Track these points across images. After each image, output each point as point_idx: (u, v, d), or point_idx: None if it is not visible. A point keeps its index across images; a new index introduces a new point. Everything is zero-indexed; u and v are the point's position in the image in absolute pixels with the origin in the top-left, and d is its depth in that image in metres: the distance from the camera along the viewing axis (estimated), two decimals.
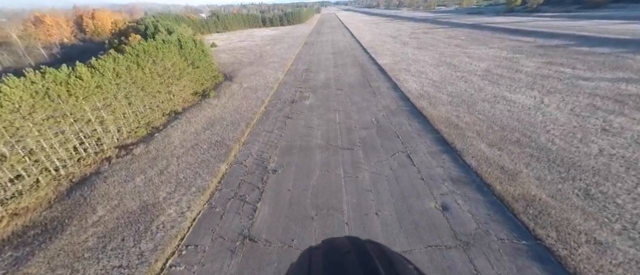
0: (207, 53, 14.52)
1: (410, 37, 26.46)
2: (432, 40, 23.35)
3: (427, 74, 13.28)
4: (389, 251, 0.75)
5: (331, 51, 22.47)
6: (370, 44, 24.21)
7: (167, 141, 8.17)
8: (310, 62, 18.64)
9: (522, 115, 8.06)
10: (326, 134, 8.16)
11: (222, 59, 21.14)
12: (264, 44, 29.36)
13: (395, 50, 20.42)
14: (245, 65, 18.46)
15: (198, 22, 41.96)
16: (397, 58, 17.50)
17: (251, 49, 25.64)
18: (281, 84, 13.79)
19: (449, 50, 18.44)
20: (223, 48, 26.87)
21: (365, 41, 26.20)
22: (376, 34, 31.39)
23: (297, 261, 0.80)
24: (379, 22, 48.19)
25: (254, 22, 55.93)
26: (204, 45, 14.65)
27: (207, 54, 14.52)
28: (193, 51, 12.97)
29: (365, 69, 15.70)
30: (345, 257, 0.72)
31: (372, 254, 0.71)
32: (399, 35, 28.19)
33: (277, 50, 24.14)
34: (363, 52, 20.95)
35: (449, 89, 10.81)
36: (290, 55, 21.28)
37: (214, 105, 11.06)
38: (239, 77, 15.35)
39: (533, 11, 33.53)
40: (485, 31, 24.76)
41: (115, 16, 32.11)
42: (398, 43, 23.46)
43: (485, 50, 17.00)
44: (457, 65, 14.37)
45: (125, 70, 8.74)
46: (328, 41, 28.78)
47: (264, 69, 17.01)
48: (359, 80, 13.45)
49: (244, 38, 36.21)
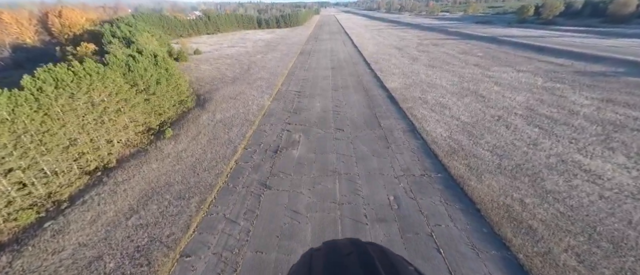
0: (172, 72, 11.44)
1: (419, 49, 23.67)
2: (445, 55, 20.57)
3: (450, 108, 10.40)
4: (390, 253, 0.74)
5: (330, 65, 19.52)
6: (374, 57, 21.34)
7: (52, 247, 5.05)
8: (305, 81, 15.66)
9: (632, 212, 5.10)
10: (320, 232, 5.20)
11: (202, 72, 18.04)
12: (255, 51, 26.29)
13: (403, 67, 17.56)
14: (227, 83, 15.40)
15: (186, 24, 38.71)
16: (407, 80, 14.63)
17: (239, 59, 22.57)
18: (265, 116, 10.76)
19: (468, 71, 15.63)
20: (207, 57, 23.74)
21: (368, 53, 23.33)
22: (379, 43, 28.56)
23: (298, 262, 0.78)
24: (381, 28, 45.46)
25: (249, 23, 52.83)
26: (168, 63, 11.55)
27: (172, 74, 11.44)
28: (148, 73, 9.88)
29: (371, 95, 12.77)
30: (346, 258, 0.72)
31: (373, 256, 0.71)
32: (405, 47, 25.39)
33: (268, 62, 21.12)
34: (366, 68, 18.05)
35: (488, 140, 7.94)
36: (282, 70, 18.27)
37: (166, 153, 8.00)
38: (214, 101, 12.30)
39: (548, 23, 31.13)
40: (504, 46, 22.08)
41: (90, 14, 28.78)
42: (406, 57, 20.62)
43: (514, 75, 14.20)
44: (485, 95, 11.53)
45: (8, 117, 5.61)
46: (327, 50, 25.85)
47: (248, 90, 13.97)
48: (364, 114, 10.50)
49: (235, 42, 33.10)
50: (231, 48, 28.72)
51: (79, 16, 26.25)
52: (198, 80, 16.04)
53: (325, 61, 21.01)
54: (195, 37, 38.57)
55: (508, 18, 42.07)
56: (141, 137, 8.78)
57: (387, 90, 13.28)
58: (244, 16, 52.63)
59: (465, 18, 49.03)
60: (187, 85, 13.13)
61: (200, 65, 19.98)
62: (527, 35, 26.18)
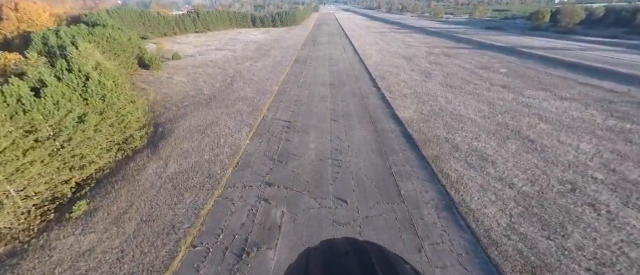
0: (112, 101, 8.35)
1: (429, 60, 20.79)
2: (461, 70, 17.72)
3: (494, 162, 7.51)
4: (387, 252, 0.73)
5: (328, 79, 16.52)
6: (380, 69, 18.40)
7: None
8: (298, 104, 12.64)
9: None
10: None
11: (173, 86, 14.88)
12: (244, 57, 23.15)
13: (416, 86, 14.66)
14: (200, 105, 12.32)
15: (172, 21, 35.24)
16: (424, 107, 11.73)
17: (223, 67, 19.44)
18: (238, 167, 7.74)
19: (496, 95, 12.79)
20: (186, 63, 20.52)
21: (371, 63, 20.38)
22: (383, 50, 25.61)
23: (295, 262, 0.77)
24: (383, 30, 42.46)
25: (243, 21, 49.43)
26: (108, 86, 8.42)
27: (112, 103, 8.35)
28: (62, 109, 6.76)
29: (381, 130, 9.82)
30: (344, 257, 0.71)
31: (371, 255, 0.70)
32: (413, 56, 22.49)
33: (257, 72, 18.04)
34: (371, 86, 15.10)
35: (580, 241, 5.08)
36: (271, 85, 15.23)
37: (54, 261, 4.94)
38: (174, 137, 9.25)
39: (566, 32, 28.50)
40: (528, 60, 19.29)
41: (57, 9, 25.31)
42: (416, 71, 17.73)
43: (557, 104, 11.37)
44: (535, 140, 8.65)
45: None
46: (325, 58, 22.82)
47: (224, 117, 10.92)
48: (375, 168, 7.55)
49: (224, 44, 29.85)
50: (218, 52, 25.49)
51: (41, 10, 22.79)
52: (164, 99, 12.93)
53: (323, 73, 17.99)
54: (181, 37, 35.16)
55: (519, 24, 39.37)
56: (29, 219, 5.69)
57: (400, 123, 10.36)
58: (237, 14, 49.19)
59: (472, 22, 46.26)
60: (141, 112, 10.07)
61: (175, 76, 16.82)
62: (550, 46, 23.45)
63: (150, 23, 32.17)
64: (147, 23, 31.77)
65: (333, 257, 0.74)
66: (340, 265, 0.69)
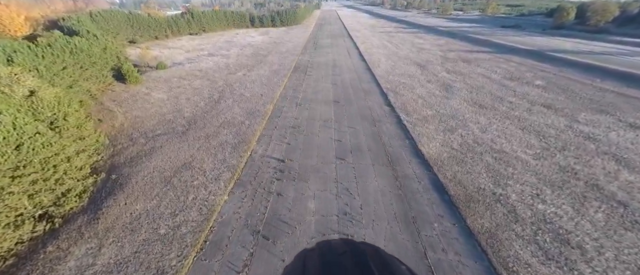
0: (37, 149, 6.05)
1: (447, 68, 18.22)
2: (487, 81, 15.15)
3: (586, 252, 5.04)
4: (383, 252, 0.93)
5: (332, 95, 14.06)
6: (391, 81, 15.90)
7: None
8: (294, 132, 10.23)
9: None
10: None
11: (149, 107, 12.52)
12: (238, 64, 20.78)
13: (437, 104, 12.17)
14: (175, 134, 10.00)
15: (163, 23, 32.89)
16: (454, 138, 9.26)
17: (213, 78, 17.09)
18: (204, 252, 5.30)
19: (543, 120, 10.26)
20: (172, 74, 18.19)
21: (381, 71, 17.88)
22: (393, 54, 23.04)
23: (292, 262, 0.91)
24: (389, 30, 39.73)
25: (241, 21, 47.10)
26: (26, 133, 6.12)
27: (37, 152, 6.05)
28: None
29: (403, 178, 7.36)
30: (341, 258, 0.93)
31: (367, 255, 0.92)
32: (427, 62, 19.92)
33: (250, 85, 15.65)
34: (383, 104, 12.63)
35: None
36: (265, 104, 12.83)
37: None
38: (128, 190, 6.91)
39: (597, 32, 25.61)
40: (565, 68, 16.61)
41: (33, 12, 23.19)
42: (434, 83, 15.20)
43: (632, 137, 8.79)
44: (628, 204, 6.18)
45: None
46: (328, 66, 20.36)
47: (200, 155, 8.59)
48: (402, 252, 5.14)
49: (218, 48, 27.50)
50: (210, 58, 23.14)
51: (14, 13, 20.67)
52: (134, 126, 10.62)
53: (325, 86, 15.54)
54: (174, 40, 32.83)
55: (538, 21, 36.35)
56: None
57: (426, 165, 7.93)
58: (235, 13, 46.77)
59: (485, 20, 43.24)
60: (92, 152, 7.77)
61: (154, 91, 14.51)
62: (585, 50, 20.69)
63: (139, 26, 29.91)
64: (136, 26, 29.52)
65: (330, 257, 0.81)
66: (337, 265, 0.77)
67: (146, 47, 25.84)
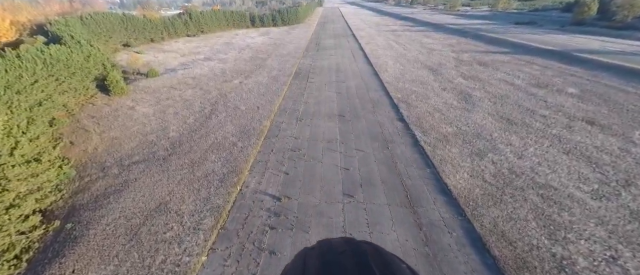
0: None
1: (462, 72, 16.55)
2: (511, 89, 13.46)
3: None
4: (383, 251, 0.73)
5: (336, 109, 12.51)
6: (401, 88, 14.30)
7: None
8: (294, 158, 8.72)
9: None
10: None
11: (131, 124, 11.10)
12: (235, 70, 19.34)
13: (458, 120, 10.57)
14: (154, 161, 8.58)
15: (159, 24, 31.54)
16: (485, 166, 7.69)
17: (206, 87, 15.67)
18: None
19: (591, 142, 8.59)
20: (162, 82, 16.81)
21: (389, 77, 16.28)
22: (401, 56, 21.39)
23: (292, 261, 0.77)
24: (395, 28, 37.91)
25: (241, 21, 45.63)
26: None
27: None
28: None
29: (429, 228, 5.76)
30: (340, 256, 0.70)
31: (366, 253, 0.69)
32: (440, 66, 18.25)
33: (245, 96, 14.19)
34: (396, 120, 11.05)
35: None
36: (261, 120, 11.35)
37: None
38: (79, 251, 5.36)
39: (623, 28, 23.57)
40: (598, 72, 14.80)
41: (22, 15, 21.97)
42: (451, 92, 13.57)
43: None
44: None
45: None
46: (331, 71, 18.81)
47: (180, 192, 7.14)
48: None
49: (216, 51, 26.10)
50: (206, 63, 21.74)
51: None
52: (109, 150, 9.24)
53: (329, 96, 13.99)
54: (171, 42, 31.47)
55: (555, 17, 34.17)
56: None
57: (456, 207, 6.38)
58: (235, 13, 45.29)
59: (497, 16, 41.07)
60: (47, 191, 6.40)
61: (140, 105, 13.13)
62: (614, 49, 18.77)
63: (134, 28, 28.59)
64: (131, 29, 28.20)
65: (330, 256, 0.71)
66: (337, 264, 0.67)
67: (137, 52, 24.55)
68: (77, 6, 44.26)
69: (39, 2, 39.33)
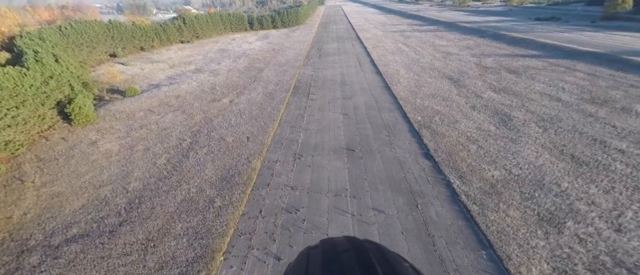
0: None
1: (490, 83, 13.95)
2: (560, 106, 10.86)
3: None
4: (386, 249, 0.75)
5: (343, 139, 10.04)
6: (420, 107, 11.77)
7: None
8: (290, 222, 6.27)
9: None
10: None
11: (84, 171, 8.75)
12: (227, 84, 17.04)
13: (504, 157, 8.04)
14: (97, 238, 6.22)
15: (150, 31, 29.42)
16: (562, 240, 5.12)
17: (190, 110, 13.36)
18: None
19: None
20: (139, 104, 14.55)
21: (404, 91, 13.76)
22: (414, 64, 18.83)
23: (295, 260, 0.78)
24: (403, 28, 35.20)
25: (239, 23, 43.40)
26: None
27: None
28: None
29: None
30: (343, 255, 0.72)
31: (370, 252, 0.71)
32: (461, 74, 15.67)
33: (235, 121, 11.83)
34: (420, 156, 8.56)
35: None
36: (250, 158, 8.95)
37: None
38: None
39: None
40: None
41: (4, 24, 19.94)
42: (482, 110, 11.01)
43: None
44: None
45: None
46: (335, 83, 16.37)
47: None
48: None
49: (209, 61, 23.86)
50: (196, 76, 19.47)
51: None
52: (41, 217, 6.95)
53: (334, 120, 11.53)
54: (162, 50, 29.29)
55: (580, 11, 31.07)
56: None
57: None
58: (232, 16, 43.02)
59: (513, 12, 38.00)
60: None
61: (104, 138, 10.86)
62: None
63: (121, 37, 26.49)
64: (118, 37, 26.10)
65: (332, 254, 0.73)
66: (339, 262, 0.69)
67: (122, 64, 22.42)
68: (68, 13, 42.46)
69: (27, 10, 37.48)
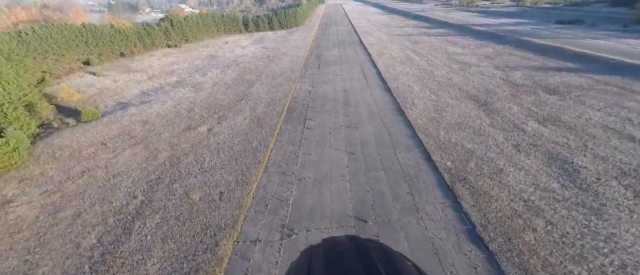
0: None
1: (527, 107, 11.23)
2: (634, 147, 8.19)
3: None
4: (388, 248, 0.74)
5: (350, 199, 7.33)
6: (445, 143, 9.04)
7: None
8: None
9: None
10: None
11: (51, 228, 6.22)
12: (209, 105, 14.34)
13: (588, 246, 5.27)
14: None
15: (132, 35, 26.59)
16: None
17: (155, 146, 10.64)
18: None
19: None
20: (90, 137, 11.81)
21: (420, 118, 11.03)
22: (428, 78, 16.12)
23: (298, 259, 0.78)
24: (410, 31, 32.40)
25: (233, 25, 40.60)
26: None
27: None
28: None
29: None
30: (345, 253, 0.71)
31: (372, 251, 0.70)
32: (488, 94, 12.97)
33: (207, 164, 9.11)
34: (460, 229, 5.85)
35: None
36: (218, 239, 6.27)
37: None
38: None
39: None
40: None
41: None
42: (531, 152, 8.28)
43: None
44: None
45: None
46: (337, 103, 13.65)
47: None
48: None
49: (194, 70, 21.14)
50: (175, 91, 16.74)
51: None
52: None
53: (337, 165, 8.75)
54: (144, 56, 26.46)
55: (604, 13, 28.30)
56: None
57: None
58: (226, 16, 40.15)
59: (529, 13, 35.17)
60: None
61: (23, 196, 8.09)
62: None
63: (97, 42, 23.70)
64: (93, 42, 23.31)
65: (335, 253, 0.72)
66: (342, 261, 0.68)
67: (93, 74, 19.67)
68: (48, 13, 39.50)
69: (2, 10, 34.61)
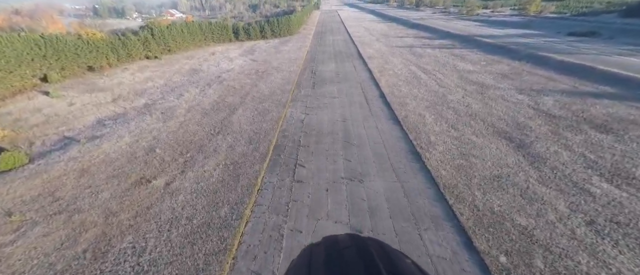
0: None
1: (575, 151, 8.71)
2: None
3: None
4: (388, 247, 0.75)
5: None
6: (482, 209, 6.40)
7: None
8: None
9: None
10: None
11: None
12: (176, 142, 11.51)
13: None
14: None
15: (104, 47, 23.64)
16: None
17: (84, 217, 7.77)
18: None
19: None
20: (9, 192, 8.90)
21: (442, 168, 8.41)
22: (442, 103, 13.59)
23: (298, 257, 0.80)
24: (410, 42, 30.14)
25: (222, 33, 37.94)
26: None
27: None
28: None
29: None
30: (345, 251, 0.72)
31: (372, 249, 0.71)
32: (521, 130, 10.46)
33: (146, 258, 6.31)
34: None
35: None
36: None
37: None
38: None
39: None
40: None
41: None
42: (614, 237, 5.68)
43: None
44: None
45: None
46: (335, 141, 10.95)
47: None
48: None
49: (169, 90, 18.31)
50: (138, 119, 13.87)
51: None
52: None
53: None
54: (116, 71, 23.46)
55: (619, 25, 26.51)
56: None
57: None
58: (214, 25, 37.40)
59: (536, 23, 33.31)
60: None
61: None
62: None
63: (59, 54, 20.67)
64: (53, 55, 20.30)
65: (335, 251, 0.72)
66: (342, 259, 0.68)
67: (46, 94, 16.69)
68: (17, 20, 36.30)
69: None
